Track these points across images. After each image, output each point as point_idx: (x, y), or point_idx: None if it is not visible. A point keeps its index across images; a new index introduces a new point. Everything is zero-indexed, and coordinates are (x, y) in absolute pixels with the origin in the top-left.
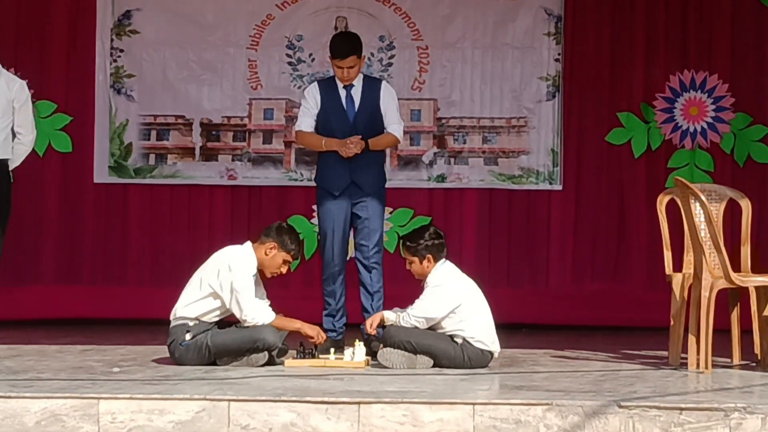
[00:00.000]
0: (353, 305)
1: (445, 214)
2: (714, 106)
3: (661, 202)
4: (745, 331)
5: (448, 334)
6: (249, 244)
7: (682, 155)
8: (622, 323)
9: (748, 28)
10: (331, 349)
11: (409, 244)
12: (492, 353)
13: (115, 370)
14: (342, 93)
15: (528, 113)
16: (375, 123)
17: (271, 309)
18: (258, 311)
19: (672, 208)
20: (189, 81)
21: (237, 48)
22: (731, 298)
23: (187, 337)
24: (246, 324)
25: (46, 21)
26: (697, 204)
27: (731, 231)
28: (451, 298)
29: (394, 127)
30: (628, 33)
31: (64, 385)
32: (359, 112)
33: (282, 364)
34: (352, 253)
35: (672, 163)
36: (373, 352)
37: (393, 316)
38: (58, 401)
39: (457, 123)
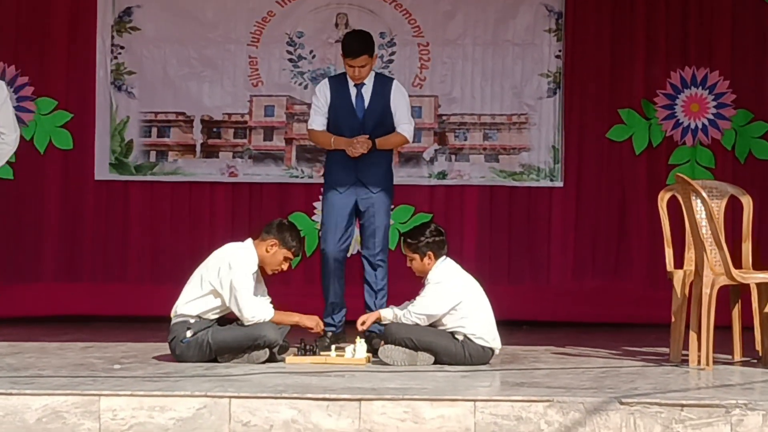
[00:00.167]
0: (357, 302)
1: (446, 211)
2: (715, 103)
3: (662, 199)
4: (746, 327)
5: (449, 330)
6: (250, 241)
7: (683, 152)
8: (623, 320)
9: (749, 24)
10: (332, 346)
11: (409, 241)
12: (493, 350)
13: (116, 367)
14: (352, 91)
15: (529, 110)
16: (384, 122)
17: (270, 306)
18: (257, 309)
19: (673, 205)
20: (190, 78)
21: (237, 45)
22: (732, 294)
23: (188, 334)
24: (246, 323)
25: (47, 18)
26: (699, 201)
27: (732, 228)
28: (452, 295)
29: (404, 126)
30: (629, 29)
31: (65, 382)
32: (368, 111)
33: (283, 361)
34: (353, 250)
35: (673, 159)
36: (374, 349)
37: (390, 314)
38: (59, 398)
39: (458, 120)
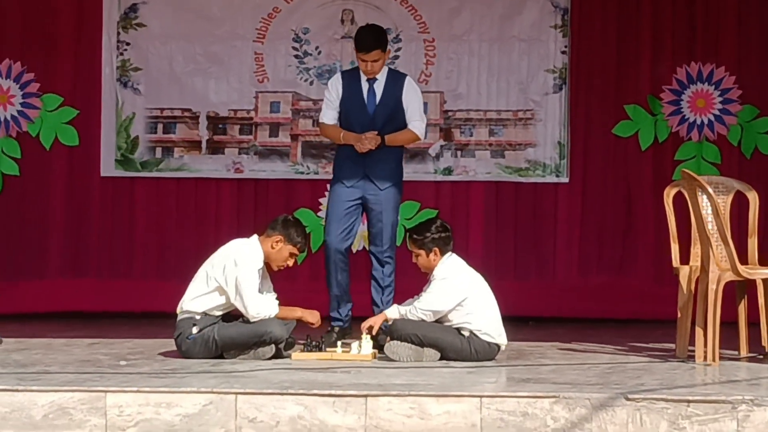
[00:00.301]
0: (364, 298)
1: (452, 206)
2: (721, 98)
3: (668, 195)
4: (753, 323)
5: (455, 326)
6: (255, 237)
7: (689, 147)
8: (629, 316)
9: (755, 20)
10: (338, 342)
11: (415, 237)
12: (499, 346)
13: (123, 363)
14: (364, 86)
15: (535, 106)
16: (395, 118)
17: (276, 302)
18: (262, 306)
19: (679, 201)
20: (195, 74)
21: (243, 41)
22: (738, 290)
23: (194, 330)
24: (252, 319)
25: (53, 15)
26: (704, 196)
27: (738, 223)
28: (458, 291)
29: (415, 123)
30: (635, 25)
31: (72, 379)
32: (380, 106)
33: (289, 357)
34: (359, 246)
35: (679, 155)
36: (380, 345)
37: (395, 313)
38: (65, 394)
39: (464, 116)
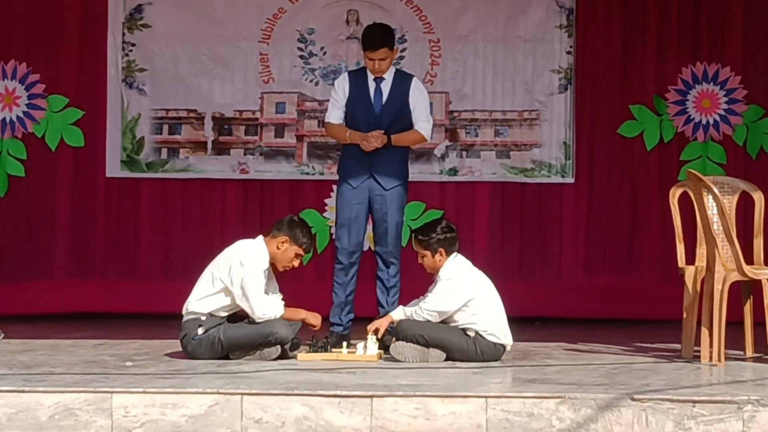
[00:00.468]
0: (369, 299)
1: (457, 207)
2: (726, 99)
3: (674, 195)
4: (758, 323)
5: (460, 327)
6: (261, 238)
7: (695, 148)
8: (635, 316)
9: (761, 20)
10: (344, 343)
11: (421, 237)
12: (504, 346)
13: (128, 364)
14: (371, 85)
15: (540, 106)
16: (402, 118)
17: (281, 303)
18: (268, 306)
19: (685, 201)
20: (201, 75)
21: (249, 42)
22: (744, 290)
23: (200, 331)
24: (257, 320)
25: (58, 15)
26: (710, 196)
27: (744, 223)
28: (464, 292)
29: (422, 124)
30: (641, 25)
31: (78, 380)
32: (386, 106)
33: (294, 357)
34: (365, 246)
35: (684, 155)
36: (385, 346)
37: (401, 315)
38: (71, 395)
39: (469, 116)
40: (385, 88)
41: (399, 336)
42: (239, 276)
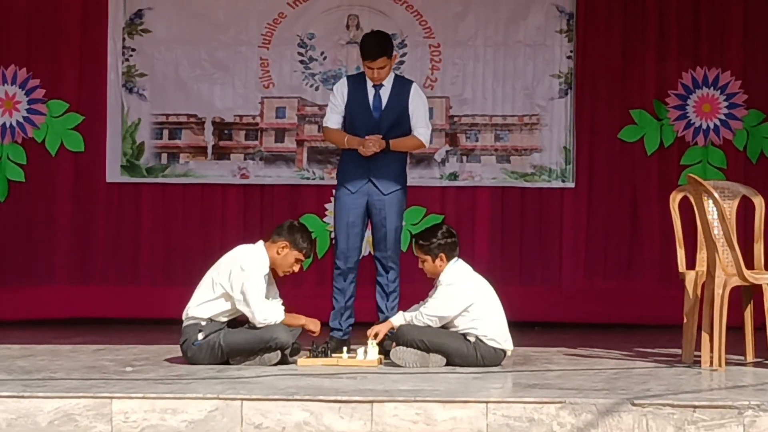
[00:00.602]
0: (369, 303)
1: (458, 212)
2: (726, 103)
3: (674, 200)
4: (759, 328)
5: (461, 332)
6: (261, 243)
7: (695, 152)
8: (635, 321)
9: (761, 24)
10: (344, 348)
11: (421, 242)
12: (505, 351)
13: (128, 369)
14: (370, 91)
15: (540, 111)
16: (400, 124)
17: (282, 308)
18: (268, 312)
19: (685, 206)
20: (201, 80)
21: (249, 46)
22: (744, 295)
23: (200, 336)
24: (258, 325)
25: (58, 20)
26: (710, 201)
27: (744, 228)
28: (464, 297)
29: (420, 130)
30: (640, 30)
31: (77, 385)
32: (385, 111)
33: (295, 363)
34: (365, 251)
35: (685, 160)
36: (385, 351)
37: (401, 320)
38: (71, 401)
39: (470, 121)
40: (384, 93)
41: (399, 341)
42: (240, 281)
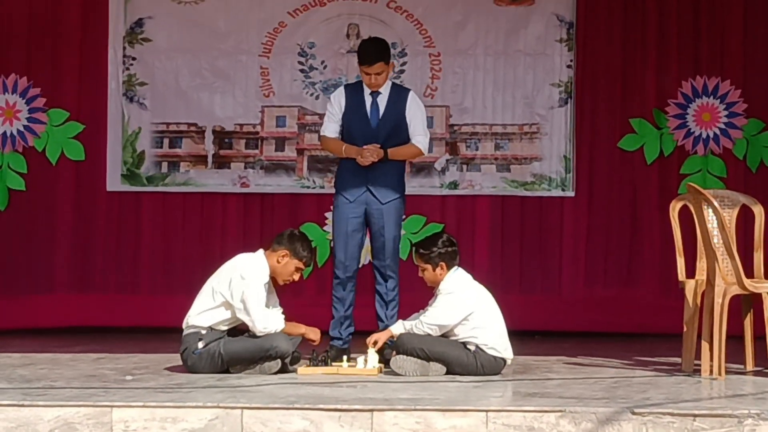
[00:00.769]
0: (368, 312)
1: (458, 221)
2: (726, 112)
3: (674, 209)
4: (759, 337)
5: (461, 341)
6: (261, 251)
7: (695, 161)
8: (635, 330)
9: (760, 33)
10: (344, 357)
11: (422, 251)
12: (505, 360)
13: (128, 378)
14: (368, 99)
15: (540, 120)
16: (398, 132)
17: (282, 316)
18: (269, 320)
19: (685, 215)
20: (201, 89)
21: (249, 55)
22: (744, 304)
23: (200, 345)
24: (258, 334)
25: (59, 29)
26: (710, 210)
27: (744, 237)
28: (464, 306)
29: (418, 138)
30: (640, 39)
31: (77, 394)
32: (383, 120)
33: (295, 371)
34: (365, 260)
35: (684, 169)
36: (385, 360)
37: (401, 329)
38: (71, 409)
39: (470, 130)
40: (382, 102)
41: (399, 350)
42: (240, 290)
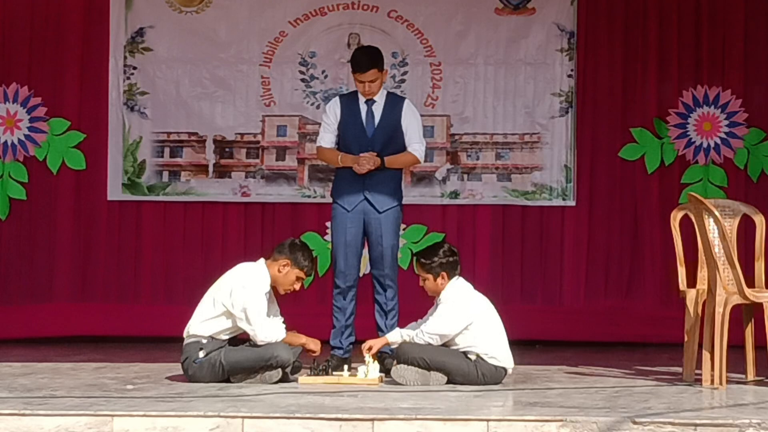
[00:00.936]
0: (368, 321)
1: (459, 230)
2: (727, 122)
3: (675, 218)
4: (759, 346)
5: (461, 350)
6: (262, 261)
7: (696, 171)
8: (636, 339)
9: (762, 43)
10: (345, 366)
11: (423, 261)
12: (506, 369)
13: (129, 387)
14: (363, 108)
15: (541, 129)
16: (394, 141)
17: (283, 326)
18: (270, 330)
19: (686, 224)
20: (202, 98)
21: (250, 65)
22: (745, 313)
23: (201, 354)
24: (259, 343)
25: (60, 39)
26: (711, 219)
27: (745, 246)
28: (465, 315)
29: (415, 146)
30: (641, 48)
31: (78, 403)
32: (378, 128)
33: (296, 381)
34: (365, 269)
35: (685, 178)
36: (386, 369)
37: (397, 337)
38: (72, 419)
39: (471, 139)
40: (377, 110)
41: (400, 359)
42: (241, 299)
